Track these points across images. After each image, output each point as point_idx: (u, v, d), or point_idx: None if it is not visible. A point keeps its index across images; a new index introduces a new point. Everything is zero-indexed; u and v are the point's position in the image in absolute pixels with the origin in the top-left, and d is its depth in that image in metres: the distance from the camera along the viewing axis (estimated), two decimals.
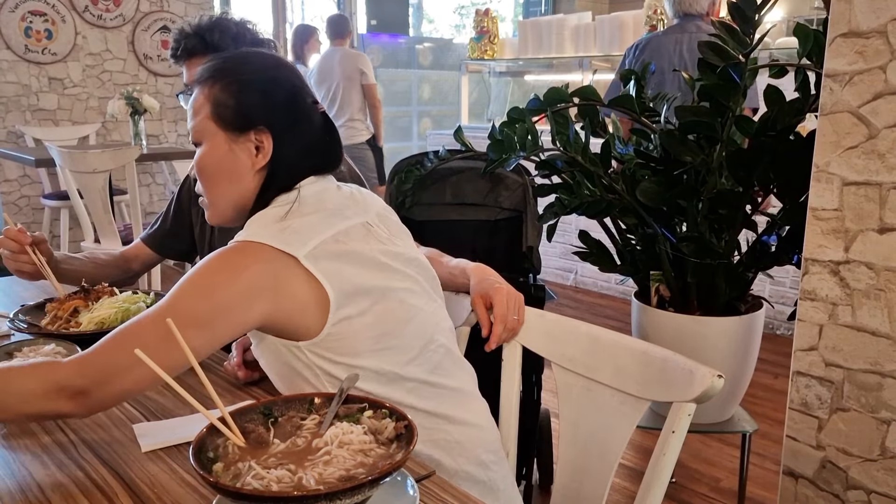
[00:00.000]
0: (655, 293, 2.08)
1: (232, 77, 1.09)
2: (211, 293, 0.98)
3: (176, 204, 1.81)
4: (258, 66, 1.12)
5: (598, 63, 4.54)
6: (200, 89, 1.10)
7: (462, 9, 8.31)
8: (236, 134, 1.08)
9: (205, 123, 1.09)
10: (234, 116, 1.08)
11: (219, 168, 1.10)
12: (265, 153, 1.08)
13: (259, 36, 1.67)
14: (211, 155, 1.10)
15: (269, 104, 1.09)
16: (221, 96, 1.08)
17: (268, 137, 1.08)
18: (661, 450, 1.05)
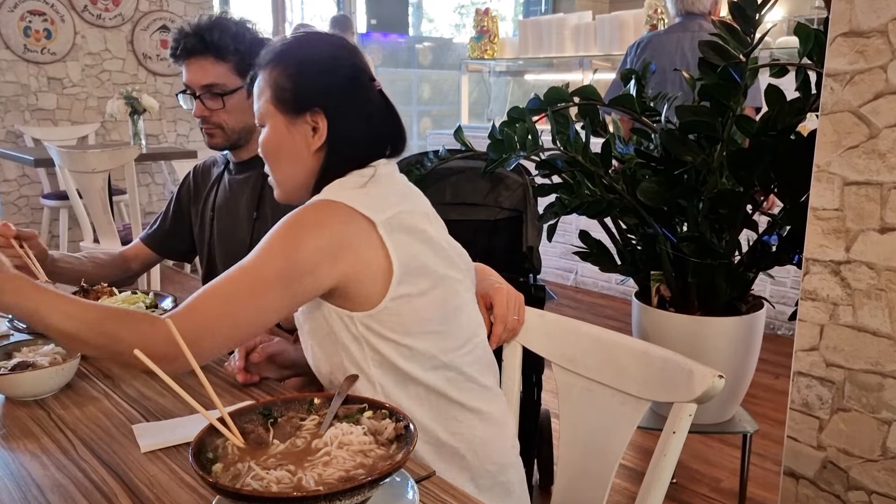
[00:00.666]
0: (656, 293, 2.08)
1: (290, 60, 1.12)
2: (297, 251, 1.01)
3: (175, 204, 1.81)
4: (317, 48, 1.15)
5: (599, 62, 4.54)
6: (262, 74, 1.14)
7: (462, 8, 8.31)
8: (293, 116, 1.12)
9: (266, 107, 1.13)
10: (292, 99, 1.11)
11: (280, 149, 1.13)
12: (320, 134, 1.11)
13: (259, 35, 1.66)
14: (272, 137, 1.14)
15: (326, 86, 1.11)
16: (281, 80, 1.11)
17: (322, 119, 1.11)
18: (662, 450, 1.05)
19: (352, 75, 1.13)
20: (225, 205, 1.72)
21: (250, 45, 1.62)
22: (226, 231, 1.70)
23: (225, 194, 1.73)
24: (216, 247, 1.73)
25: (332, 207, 1.04)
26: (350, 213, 1.03)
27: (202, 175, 1.80)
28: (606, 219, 2.13)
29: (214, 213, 1.73)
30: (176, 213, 1.81)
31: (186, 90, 1.63)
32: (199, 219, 1.77)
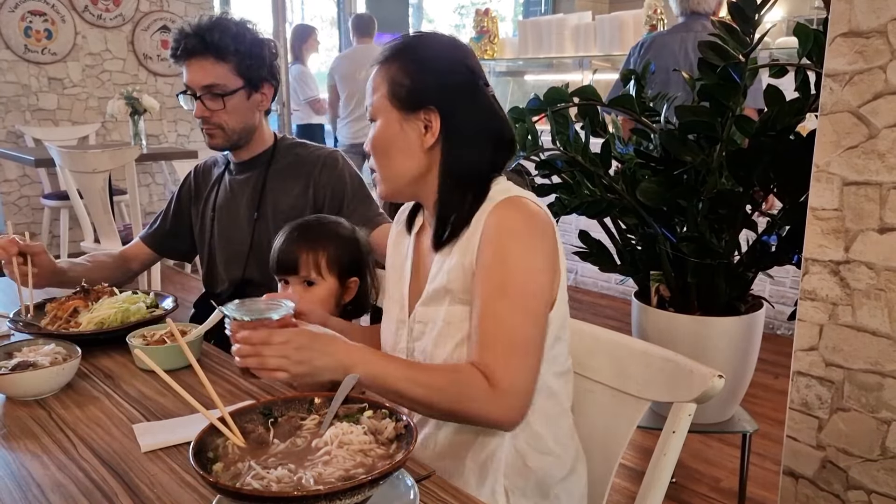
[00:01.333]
0: (655, 293, 2.08)
1: (409, 57, 1.12)
2: (541, 256, 1.06)
3: (176, 204, 1.81)
4: (436, 47, 1.14)
5: (599, 63, 4.54)
6: (379, 69, 1.13)
7: (462, 8, 8.31)
8: (407, 113, 1.11)
9: (381, 101, 1.12)
10: (408, 96, 1.10)
11: (391, 145, 1.13)
12: (433, 132, 1.11)
13: (259, 36, 1.66)
14: (384, 132, 1.13)
15: (442, 86, 1.11)
16: (398, 76, 1.11)
17: (436, 117, 1.10)
18: (662, 450, 1.05)
19: (468, 77, 1.13)
20: (225, 205, 1.72)
21: (251, 45, 1.62)
22: (226, 231, 1.71)
23: (226, 195, 1.73)
24: (216, 247, 1.73)
25: (541, 212, 1.08)
26: (548, 215, 1.09)
27: (203, 175, 1.80)
28: (606, 219, 2.13)
29: (215, 213, 1.73)
30: (176, 212, 1.81)
31: (187, 91, 1.63)
32: (199, 219, 1.78)
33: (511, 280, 1.03)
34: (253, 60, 1.63)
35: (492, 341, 1.02)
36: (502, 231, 1.05)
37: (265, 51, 1.66)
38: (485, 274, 1.05)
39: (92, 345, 1.36)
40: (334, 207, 1.63)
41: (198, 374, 0.92)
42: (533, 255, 1.05)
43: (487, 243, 1.06)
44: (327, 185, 1.65)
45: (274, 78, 1.67)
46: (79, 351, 1.23)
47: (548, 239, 1.07)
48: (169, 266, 4.46)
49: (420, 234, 1.22)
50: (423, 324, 1.14)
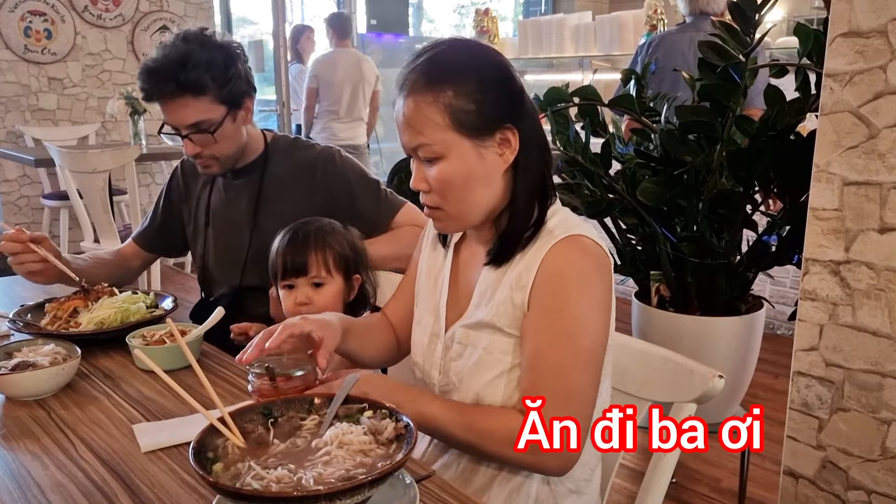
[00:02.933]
0: (656, 293, 2.08)
1: (462, 79, 0.99)
2: (600, 299, 1.01)
3: (165, 201, 1.76)
4: (480, 60, 1.03)
5: (599, 63, 4.54)
6: (422, 100, 0.99)
7: (462, 8, 8.31)
8: (483, 138, 1.00)
9: (444, 136, 0.99)
10: (479, 121, 0.99)
11: (472, 178, 1.01)
12: (513, 149, 1.01)
13: (227, 48, 1.55)
14: (461, 167, 1.00)
15: (509, 98, 1.02)
16: (458, 103, 0.98)
17: (513, 132, 1.01)
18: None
19: (518, 79, 1.04)
20: (221, 211, 1.67)
21: (224, 66, 1.52)
22: (223, 238, 1.67)
23: (220, 199, 1.68)
24: (211, 253, 1.69)
25: (601, 252, 1.02)
26: (605, 252, 1.04)
27: (192, 172, 1.73)
28: (606, 219, 2.13)
29: (209, 218, 1.69)
30: (166, 210, 1.76)
31: (176, 133, 1.54)
32: (191, 219, 1.73)
33: (571, 331, 0.98)
34: (230, 81, 1.53)
35: (547, 392, 0.97)
36: (563, 276, 0.99)
37: (238, 63, 1.56)
38: (543, 319, 0.99)
39: (92, 345, 1.36)
40: (344, 205, 1.58)
41: (197, 375, 0.92)
42: (593, 303, 1.00)
43: (546, 286, 0.99)
44: (331, 186, 1.61)
45: (252, 86, 1.59)
46: (78, 351, 1.23)
47: (605, 279, 1.02)
48: (169, 266, 4.46)
49: (461, 245, 1.16)
50: (462, 345, 1.08)
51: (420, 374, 1.17)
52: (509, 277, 1.04)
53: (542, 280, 1.00)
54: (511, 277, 1.04)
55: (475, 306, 1.08)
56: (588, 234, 1.02)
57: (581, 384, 0.98)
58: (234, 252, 1.65)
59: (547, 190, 1.05)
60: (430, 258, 1.20)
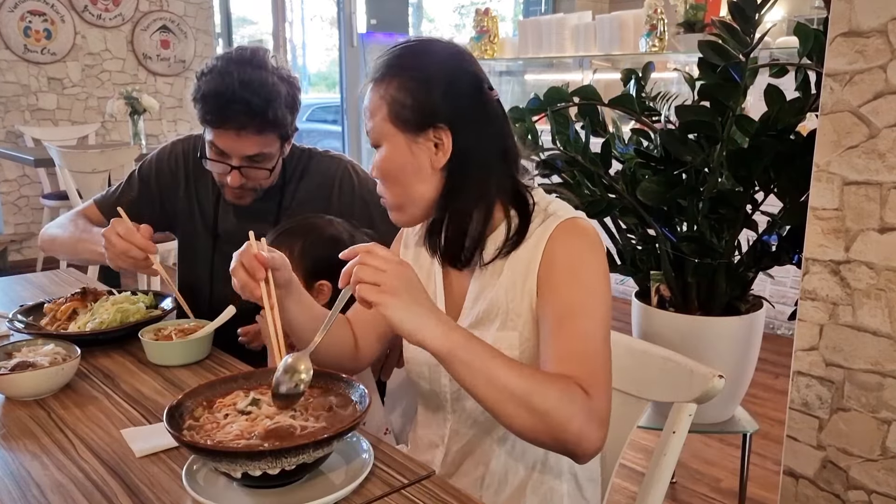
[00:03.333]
0: (656, 293, 2.08)
1: (409, 74, 1.02)
2: (606, 278, 1.02)
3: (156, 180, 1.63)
4: (436, 59, 1.05)
5: (599, 62, 4.54)
6: (375, 89, 1.04)
7: (462, 8, 8.31)
8: (415, 134, 1.02)
9: (382, 126, 1.03)
10: (412, 116, 1.02)
11: (402, 171, 1.04)
12: (445, 151, 1.03)
13: (294, 81, 1.47)
14: (392, 158, 1.04)
15: (448, 99, 1.02)
16: (399, 95, 1.02)
17: (447, 134, 1.02)
18: (662, 450, 1.05)
19: (474, 85, 1.05)
20: (233, 235, 1.53)
21: (293, 102, 1.46)
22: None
23: (232, 221, 1.58)
24: (220, 276, 1.53)
25: (597, 234, 1.05)
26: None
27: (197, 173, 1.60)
28: (606, 219, 2.13)
29: (217, 240, 1.59)
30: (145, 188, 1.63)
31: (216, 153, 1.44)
32: (191, 226, 1.62)
33: (591, 302, 0.99)
34: (292, 117, 1.47)
35: (584, 359, 0.95)
36: (573, 256, 1.01)
37: (298, 97, 1.48)
38: (560, 293, 0.99)
39: (91, 345, 1.36)
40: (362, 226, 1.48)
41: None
42: (601, 275, 1.01)
43: (556, 266, 1.00)
44: (349, 207, 1.54)
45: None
46: (78, 351, 1.23)
47: (604, 257, 1.04)
48: (169, 266, 4.46)
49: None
50: None
51: (428, 384, 1.14)
52: (513, 266, 1.04)
53: (550, 259, 1.01)
54: (515, 266, 1.04)
55: (472, 302, 1.08)
56: (583, 216, 1.06)
57: (604, 352, 0.98)
58: None
59: (520, 194, 1.06)
60: (415, 266, 1.16)
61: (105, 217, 1.59)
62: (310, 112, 7.39)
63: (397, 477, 0.91)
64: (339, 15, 6.06)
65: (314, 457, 0.83)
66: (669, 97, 2.16)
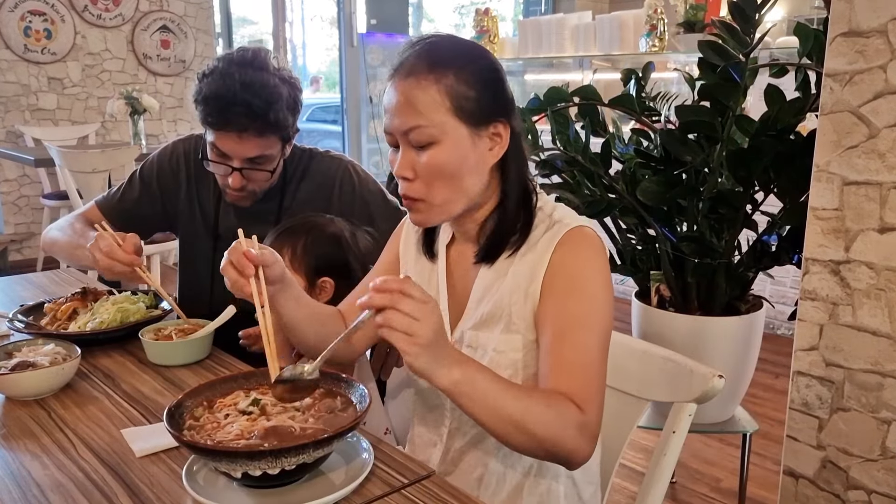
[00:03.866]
0: (656, 293, 2.08)
1: (466, 66, 0.99)
2: (609, 283, 1.02)
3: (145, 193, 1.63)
4: (477, 51, 1.04)
5: (599, 62, 4.54)
6: (425, 82, 0.97)
7: (462, 8, 8.31)
8: (478, 127, 1.00)
9: (444, 120, 0.98)
10: (477, 108, 0.99)
11: (461, 166, 1.00)
12: (503, 145, 1.02)
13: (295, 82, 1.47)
14: (455, 153, 0.99)
15: (503, 93, 1.03)
16: (460, 88, 0.98)
17: (505, 128, 1.02)
18: (662, 450, 1.05)
19: (505, 80, 1.05)
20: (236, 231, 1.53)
21: (295, 104, 1.46)
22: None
23: (232, 222, 1.57)
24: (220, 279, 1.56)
25: (602, 242, 1.04)
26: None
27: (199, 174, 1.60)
28: (606, 219, 2.13)
29: (217, 241, 1.58)
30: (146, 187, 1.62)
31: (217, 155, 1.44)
32: (192, 226, 1.63)
33: (593, 314, 0.99)
34: (294, 118, 1.47)
35: (580, 372, 0.96)
36: (580, 266, 1.00)
37: (300, 98, 1.48)
38: (562, 303, 0.99)
39: (91, 345, 1.36)
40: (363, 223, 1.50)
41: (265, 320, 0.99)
42: (605, 287, 1.01)
43: (560, 273, 1.00)
44: (349, 207, 1.55)
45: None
46: (78, 351, 1.23)
47: (608, 268, 1.04)
48: (169, 266, 4.46)
49: (449, 247, 1.15)
50: (472, 349, 1.07)
51: (427, 383, 1.13)
52: (518, 269, 1.04)
53: (556, 267, 1.01)
54: (520, 269, 1.04)
55: (476, 303, 1.08)
56: (589, 224, 1.06)
57: (600, 365, 0.99)
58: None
59: (529, 190, 1.07)
60: (416, 266, 1.18)
61: (107, 219, 1.59)
62: (310, 112, 7.39)
63: (397, 477, 0.92)
64: (339, 15, 6.06)
65: (314, 457, 0.84)
66: (669, 97, 2.15)
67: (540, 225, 1.05)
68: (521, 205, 1.05)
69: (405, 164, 1.01)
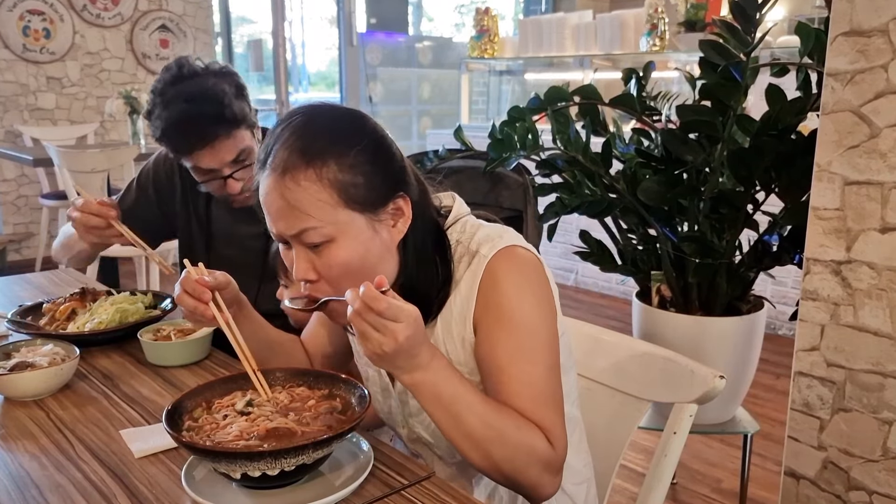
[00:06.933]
0: (657, 293, 2.08)
1: (343, 150, 0.90)
2: (541, 298, 0.96)
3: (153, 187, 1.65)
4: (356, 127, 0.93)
5: (599, 62, 4.53)
6: (299, 177, 0.88)
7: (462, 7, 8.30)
8: (376, 211, 0.92)
9: (335, 216, 0.89)
10: (369, 193, 0.91)
11: (367, 257, 0.92)
12: (406, 218, 0.95)
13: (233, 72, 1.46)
14: (355, 247, 0.91)
15: (393, 162, 0.94)
16: (346, 177, 0.89)
17: (405, 200, 0.95)
18: (663, 451, 1.05)
19: (386, 136, 0.96)
20: (227, 232, 1.59)
21: (237, 89, 1.44)
22: (230, 262, 1.52)
23: (225, 218, 1.59)
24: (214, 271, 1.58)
25: (529, 255, 0.98)
26: (533, 252, 0.99)
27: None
28: (607, 219, 2.12)
29: (211, 240, 1.60)
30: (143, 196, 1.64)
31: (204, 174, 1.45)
32: (188, 228, 1.65)
33: (528, 341, 0.94)
34: (247, 104, 1.46)
35: (537, 404, 0.92)
36: (502, 290, 0.94)
37: (241, 82, 1.47)
38: (494, 337, 0.95)
39: (90, 345, 1.36)
40: None
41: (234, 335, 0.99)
42: (538, 306, 0.95)
43: (488, 306, 0.95)
44: None
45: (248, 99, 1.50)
46: (77, 351, 1.23)
47: (542, 280, 0.98)
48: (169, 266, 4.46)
49: None
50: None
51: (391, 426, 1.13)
52: (445, 316, 0.99)
53: (485, 300, 0.96)
54: (447, 315, 0.99)
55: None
56: (512, 241, 0.98)
57: (556, 387, 0.96)
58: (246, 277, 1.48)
59: (442, 242, 1.00)
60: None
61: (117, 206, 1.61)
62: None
63: (397, 478, 0.91)
64: (339, 14, 6.06)
65: (314, 458, 0.83)
66: (670, 97, 2.15)
67: (462, 261, 0.99)
68: (435, 264, 0.98)
69: (304, 267, 0.92)
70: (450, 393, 0.88)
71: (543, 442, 0.91)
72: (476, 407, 0.89)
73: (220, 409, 0.94)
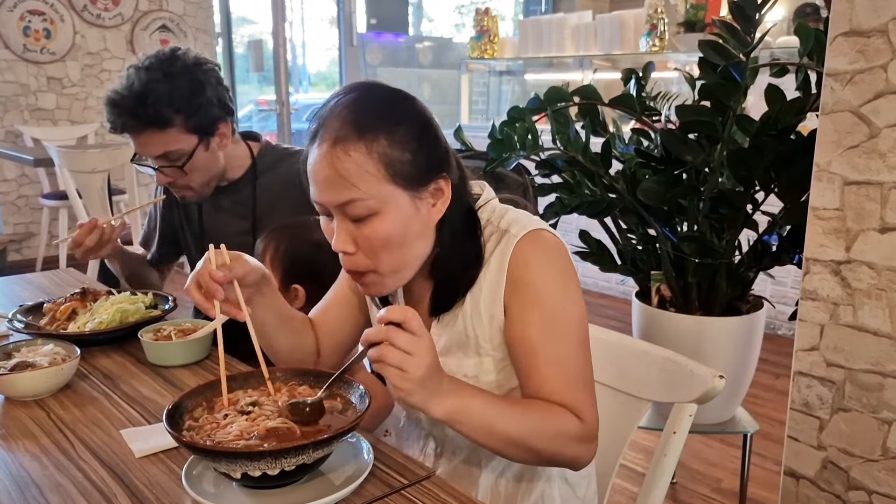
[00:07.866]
0: (656, 293, 2.08)
1: (394, 126, 0.92)
2: (576, 288, 0.99)
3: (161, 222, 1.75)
4: (405, 105, 0.96)
5: (599, 62, 4.53)
6: (350, 149, 0.90)
7: (462, 7, 8.30)
8: (419, 189, 0.94)
9: (381, 189, 0.91)
10: (414, 170, 0.93)
11: (406, 233, 0.94)
12: (445, 199, 0.97)
13: (196, 70, 1.46)
14: (397, 222, 0.93)
15: (438, 143, 0.97)
16: (395, 153, 0.91)
17: (446, 182, 0.96)
18: (663, 450, 1.05)
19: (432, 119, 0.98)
20: (216, 231, 1.63)
21: (190, 94, 1.44)
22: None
23: (214, 218, 1.65)
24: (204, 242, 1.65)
25: (556, 239, 1.00)
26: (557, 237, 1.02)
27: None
28: (606, 219, 2.12)
29: (203, 240, 1.64)
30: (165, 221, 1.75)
31: (140, 159, 1.51)
32: (186, 231, 1.71)
33: (558, 320, 0.96)
34: (199, 108, 1.46)
35: (562, 386, 0.95)
36: (534, 270, 0.96)
37: (207, 87, 1.47)
38: (526, 319, 0.96)
39: (91, 345, 1.36)
40: None
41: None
42: (566, 286, 0.98)
43: (520, 285, 0.97)
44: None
45: (227, 108, 1.51)
46: (77, 351, 1.23)
47: (569, 262, 1.00)
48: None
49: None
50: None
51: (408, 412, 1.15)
52: (474, 294, 1.01)
53: (514, 280, 0.98)
54: (476, 293, 1.00)
55: (437, 336, 1.04)
56: (541, 225, 1.01)
57: (583, 366, 0.98)
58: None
59: (472, 222, 1.01)
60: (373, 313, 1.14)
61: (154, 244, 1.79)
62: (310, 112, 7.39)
63: (397, 478, 0.91)
64: (339, 14, 6.06)
65: (314, 457, 0.83)
66: (670, 97, 2.15)
67: (490, 239, 1.01)
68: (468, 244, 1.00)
69: (345, 238, 0.95)
70: (481, 411, 0.90)
71: (572, 421, 0.94)
72: (506, 413, 0.92)
73: (220, 408, 0.94)
